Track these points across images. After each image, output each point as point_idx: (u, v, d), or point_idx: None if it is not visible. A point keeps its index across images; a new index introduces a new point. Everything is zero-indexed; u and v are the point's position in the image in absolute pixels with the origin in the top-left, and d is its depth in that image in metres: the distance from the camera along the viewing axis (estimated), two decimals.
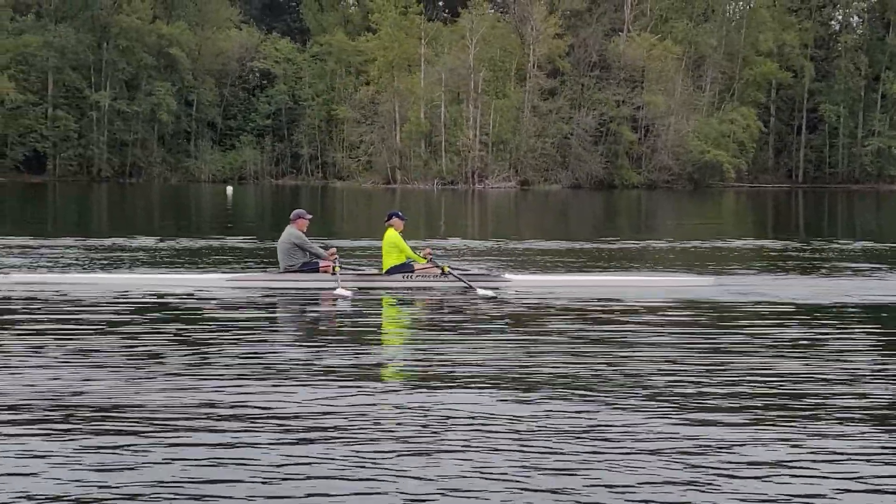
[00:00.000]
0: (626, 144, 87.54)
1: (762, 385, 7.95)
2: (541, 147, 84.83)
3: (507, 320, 11.55)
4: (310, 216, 14.84)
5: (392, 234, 14.51)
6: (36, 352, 9.07)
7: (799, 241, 25.19)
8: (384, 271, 14.56)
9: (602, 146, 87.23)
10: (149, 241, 22.29)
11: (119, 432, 6.47)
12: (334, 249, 14.70)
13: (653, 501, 5.39)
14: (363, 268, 15.36)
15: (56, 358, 8.76)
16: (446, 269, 14.33)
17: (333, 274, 14.05)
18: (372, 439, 6.41)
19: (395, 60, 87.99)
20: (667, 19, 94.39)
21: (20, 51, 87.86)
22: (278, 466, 5.86)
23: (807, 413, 7.13)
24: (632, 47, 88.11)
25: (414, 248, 14.90)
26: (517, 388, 7.83)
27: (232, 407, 7.11)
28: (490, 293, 13.50)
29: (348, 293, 13.28)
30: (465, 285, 13.97)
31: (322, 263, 14.33)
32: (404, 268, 14.47)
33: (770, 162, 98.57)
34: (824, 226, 36.35)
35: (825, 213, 47.17)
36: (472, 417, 6.93)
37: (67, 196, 57.35)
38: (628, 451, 6.23)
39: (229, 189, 66.28)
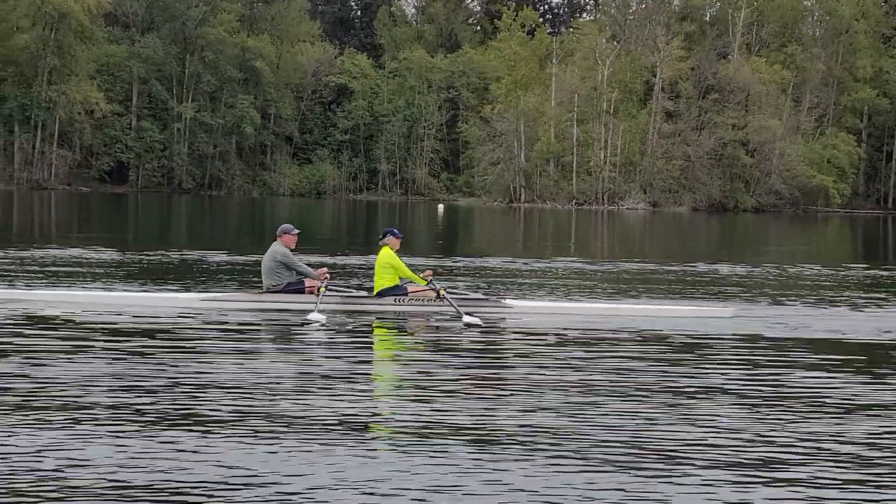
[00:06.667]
0: (741, 168, 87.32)
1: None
2: (667, 169, 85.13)
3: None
4: (297, 231, 13.56)
5: (387, 253, 13.39)
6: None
7: None
8: (375, 293, 13.52)
9: (718, 169, 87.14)
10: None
11: None
12: (325, 269, 13.65)
13: None
14: (352, 290, 14.23)
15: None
16: (442, 293, 13.19)
17: (317, 294, 13.02)
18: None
19: (522, 80, 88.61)
20: (767, 43, 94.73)
21: (104, 61, 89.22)
22: None
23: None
24: (741, 71, 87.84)
25: (413, 269, 13.90)
26: (490, 433, 6.93)
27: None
28: (476, 321, 12.37)
29: (322, 317, 12.27)
30: (456, 311, 12.88)
31: (308, 283, 13.33)
32: (397, 290, 13.41)
33: (861, 188, 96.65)
34: None
35: None
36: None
37: (201, 208, 59.45)
38: None
39: (440, 207, 68.75)
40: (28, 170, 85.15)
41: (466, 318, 12.43)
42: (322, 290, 12.95)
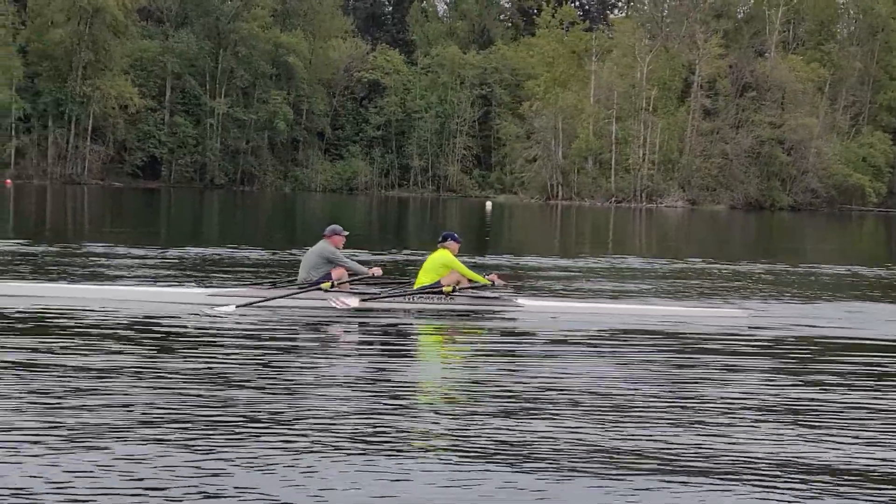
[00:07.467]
0: (778, 166, 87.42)
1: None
2: (706, 167, 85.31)
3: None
4: (346, 233, 13.55)
5: (446, 255, 13.30)
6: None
7: None
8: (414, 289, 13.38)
9: (756, 167, 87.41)
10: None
11: None
12: (378, 268, 13.53)
13: None
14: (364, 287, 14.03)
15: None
16: (447, 290, 13.06)
17: (326, 290, 12.90)
18: None
19: (561, 77, 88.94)
20: (803, 42, 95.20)
21: (138, 56, 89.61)
22: None
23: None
24: (778, 69, 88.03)
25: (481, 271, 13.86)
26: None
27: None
28: (345, 304, 12.51)
29: (231, 308, 12.23)
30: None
31: (334, 274, 13.15)
32: (432, 287, 13.24)
33: (895, 187, 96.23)
34: None
35: None
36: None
37: (258, 206, 59.49)
38: None
39: (488, 204, 69.52)
40: (62, 164, 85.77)
41: (338, 301, 12.63)
42: (327, 285, 12.87)
